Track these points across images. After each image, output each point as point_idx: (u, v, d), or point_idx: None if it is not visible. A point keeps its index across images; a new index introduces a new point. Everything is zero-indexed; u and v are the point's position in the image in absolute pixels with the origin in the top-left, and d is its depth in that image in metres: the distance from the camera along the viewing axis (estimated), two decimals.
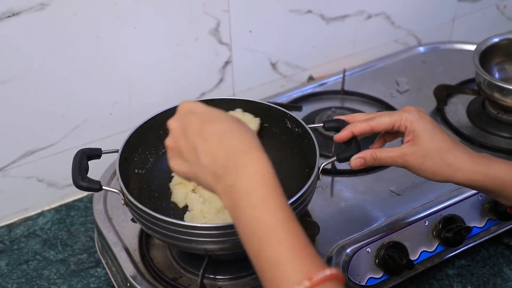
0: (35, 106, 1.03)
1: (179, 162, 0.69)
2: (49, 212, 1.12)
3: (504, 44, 1.18)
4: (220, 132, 0.66)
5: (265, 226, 0.62)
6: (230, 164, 0.65)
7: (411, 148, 0.83)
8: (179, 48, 1.13)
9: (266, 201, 0.63)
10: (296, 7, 1.22)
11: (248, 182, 0.64)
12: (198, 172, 0.67)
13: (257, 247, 0.62)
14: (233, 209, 0.65)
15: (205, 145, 0.66)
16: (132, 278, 0.88)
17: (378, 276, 0.91)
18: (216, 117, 0.68)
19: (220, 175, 0.65)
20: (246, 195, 0.63)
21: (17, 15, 0.95)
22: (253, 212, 0.63)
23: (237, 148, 0.65)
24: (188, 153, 0.67)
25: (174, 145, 0.69)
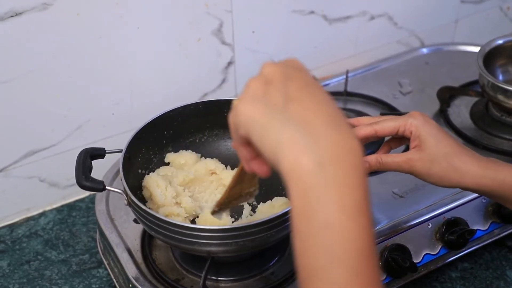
0: (37, 106, 1.03)
1: (251, 101, 0.54)
2: (51, 212, 1.12)
3: (508, 46, 1.17)
4: (325, 99, 0.53)
5: (348, 241, 0.49)
6: (328, 135, 0.50)
7: (417, 154, 0.81)
8: (182, 48, 1.12)
9: (359, 209, 0.50)
10: (299, 7, 1.22)
11: (348, 173, 0.49)
12: (275, 121, 0.51)
13: (324, 262, 0.49)
14: (306, 197, 0.50)
15: (305, 100, 0.52)
16: (134, 279, 0.88)
17: (382, 279, 0.91)
18: (322, 88, 0.55)
19: (310, 143, 0.49)
20: (338, 188, 0.49)
21: (20, 15, 0.94)
22: (339, 215, 0.49)
23: (342, 122, 0.52)
24: (274, 97, 0.53)
25: (261, 86, 0.55)
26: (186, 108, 0.95)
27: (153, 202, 0.90)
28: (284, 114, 0.52)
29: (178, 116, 0.95)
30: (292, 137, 0.50)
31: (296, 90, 0.53)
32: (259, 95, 0.54)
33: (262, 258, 0.90)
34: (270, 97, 0.54)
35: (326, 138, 0.50)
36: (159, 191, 0.89)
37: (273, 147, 0.51)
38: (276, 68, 0.56)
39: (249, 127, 0.54)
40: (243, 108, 0.55)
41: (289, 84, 0.54)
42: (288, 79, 0.54)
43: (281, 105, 0.52)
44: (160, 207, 0.88)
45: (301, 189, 0.50)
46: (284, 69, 0.56)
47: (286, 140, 0.50)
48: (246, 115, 0.54)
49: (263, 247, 0.82)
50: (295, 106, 0.52)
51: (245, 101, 0.55)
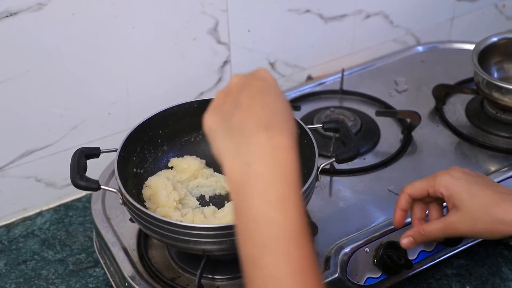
0: (33, 106, 1.03)
1: (211, 111, 0.60)
2: (48, 212, 1.12)
3: (503, 43, 1.18)
4: (269, 104, 0.57)
5: (275, 230, 0.53)
6: (257, 138, 0.55)
7: (456, 215, 0.78)
8: (177, 47, 1.13)
9: (284, 200, 0.54)
10: (295, 6, 1.22)
11: (270, 169, 0.54)
12: (221, 130, 0.58)
13: (257, 251, 0.54)
14: (238, 194, 0.55)
15: (249, 107, 0.57)
16: (130, 278, 0.88)
17: (377, 276, 0.91)
18: (278, 94, 0.59)
19: (241, 144, 0.55)
20: (263, 183, 0.54)
21: (15, 15, 0.95)
22: (265, 208, 0.53)
23: (274, 125, 0.56)
24: (227, 107, 0.58)
25: (222, 96, 0.61)
26: (181, 107, 0.95)
27: (152, 202, 0.90)
28: (229, 122, 0.57)
29: (173, 115, 0.96)
30: (229, 143, 0.56)
31: (247, 98, 0.58)
32: (217, 105, 0.61)
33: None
34: (225, 106, 0.59)
35: (254, 140, 0.55)
36: (165, 192, 0.89)
37: (218, 153, 0.58)
38: (239, 79, 0.61)
39: (208, 135, 0.61)
40: (205, 118, 0.61)
41: (242, 93, 0.59)
42: (244, 88, 0.59)
43: (229, 113, 0.58)
44: (159, 207, 0.89)
45: (235, 188, 0.55)
46: (245, 79, 0.61)
47: (224, 147, 0.57)
48: (206, 125, 0.61)
49: None
50: (239, 113, 0.57)
51: (208, 112, 0.61)
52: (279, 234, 0.53)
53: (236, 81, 0.61)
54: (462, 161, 1.07)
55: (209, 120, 0.61)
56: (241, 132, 0.56)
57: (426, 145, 1.10)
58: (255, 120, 0.56)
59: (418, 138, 1.11)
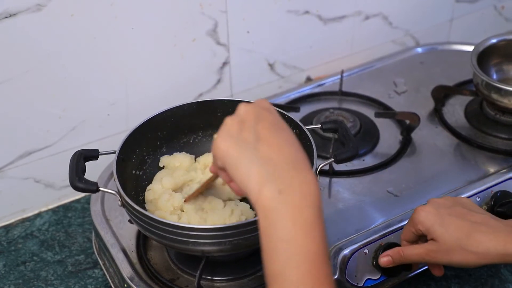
0: (32, 107, 1.03)
1: (227, 138, 0.66)
2: (47, 213, 1.12)
3: (502, 45, 1.18)
4: (289, 140, 0.66)
5: (300, 249, 0.61)
6: (288, 172, 0.63)
7: (434, 245, 0.81)
8: (177, 48, 1.13)
9: (310, 225, 0.62)
10: (294, 7, 1.22)
11: (300, 198, 0.62)
12: (244, 158, 0.64)
13: (282, 267, 0.61)
14: (267, 218, 0.62)
15: (272, 141, 0.64)
16: (130, 279, 0.88)
17: (376, 278, 0.91)
18: (287, 128, 0.68)
19: (272, 176, 0.62)
20: (293, 209, 0.62)
21: (14, 16, 0.95)
22: (293, 231, 0.61)
23: (300, 162, 0.64)
24: (246, 137, 0.65)
25: (236, 124, 0.67)
26: (179, 108, 0.95)
27: (153, 204, 0.90)
28: (254, 152, 0.64)
29: (172, 117, 0.96)
30: (259, 172, 0.63)
31: (264, 130, 0.65)
32: (234, 133, 0.66)
33: (257, 258, 0.90)
34: (243, 136, 0.65)
35: (284, 173, 0.63)
36: (165, 197, 0.89)
37: (243, 178, 0.64)
38: (249, 109, 0.68)
39: (224, 160, 0.66)
40: (220, 144, 0.67)
41: (259, 124, 0.66)
42: (259, 119, 0.66)
43: (252, 144, 0.64)
44: (157, 210, 0.89)
45: (264, 213, 0.62)
46: (256, 110, 0.68)
47: (253, 174, 0.63)
48: (222, 150, 0.66)
49: (257, 246, 0.82)
50: (263, 146, 0.64)
51: (222, 138, 0.67)
52: (303, 252, 0.61)
53: (246, 110, 0.68)
54: (461, 163, 1.07)
55: (225, 145, 0.66)
56: (270, 165, 0.63)
57: (425, 147, 1.10)
58: (282, 156, 0.64)
59: (417, 140, 1.11)
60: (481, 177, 1.02)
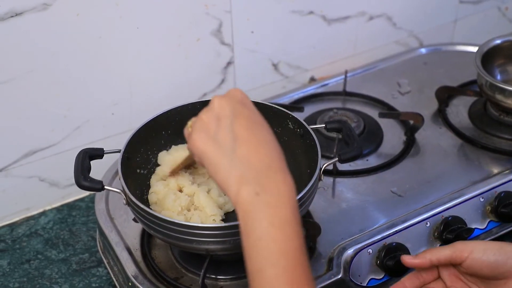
0: (37, 106, 1.04)
1: (204, 137, 0.68)
2: (51, 211, 1.12)
3: (506, 46, 1.18)
4: (266, 139, 0.67)
5: (277, 247, 0.63)
6: (264, 173, 0.65)
7: None
8: (181, 48, 1.13)
9: (286, 224, 0.64)
10: (298, 8, 1.22)
11: (276, 198, 0.64)
12: (222, 159, 0.66)
13: (260, 264, 0.63)
14: (245, 218, 0.64)
15: (249, 141, 0.66)
16: (134, 277, 0.88)
17: (380, 277, 0.91)
18: (263, 123, 0.69)
19: (249, 178, 0.64)
20: (269, 210, 0.64)
21: (20, 15, 0.95)
22: (270, 230, 0.63)
23: (276, 163, 0.66)
24: (224, 137, 0.66)
25: (213, 121, 0.68)
26: (184, 108, 0.96)
27: (158, 205, 0.91)
28: (232, 155, 0.65)
29: (176, 116, 0.96)
30: (237, 174, 0.65)
31: (241, 129, 0.66)
32: (211, 131, 0.67)
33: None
34: (220, 136, 0.66)
35: (262, 174, 0.65)
36: (172, 197, 0.89)
37: (224, 181, 0.66)
38: (224, 103, 0.68)
39: (203, 160, 0.68)
40: (197, 142, 0.68)
41: (236, 122, 0.67)
42: (235, 116, 0.67)
43: (230, 146, 0.66)
44: (164, 210, 0.89)
45: (242, 213, 0.65)
46: (231, 104, 0.68)
47: (232, 177, 0.65)
48: (200, 150, 0.68)
49: None
50: (240, 148, 0.65)
51: (199, 135, 0.68)
52: (281, 250, 0.63)
53: (221, 105, 0.68)
54: (465, 163, 1.07)
55: (203, 146, 0.68)
56: (248, 166, 0.65)
57: (429, 147, 1.10)
58: (261, 158, 0.65)
59: (421, 140, 1.11)
60: (484, 178, 1.02)
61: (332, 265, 0.89)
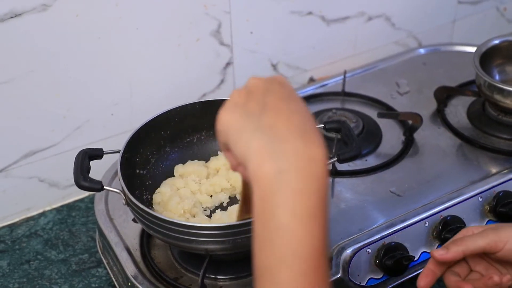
0: (36, 106, 1.04)
1: (233, 110, 0.57)
2: (51, 212, 1.13)
3: (505, 46, 1.18)
4: (298, 109, 0.56)
5: (296, 245, 0.52)
6: (292, 146, 0.52)
7: None
8: (180, 49, 1.13)
9: (311, 216, 0.52)
10: (297, 8, 1.22)
11: (305, 181, 0.52)
12: (247, 128, 0.55)
13: (274, 263, 0.52)
14: (263, 200, 0.52)
15: (279, 108, 0.55)
16: (133, 277, 0.88)
17: (379, 277, 0.92)
18: (299, 100, 0.58)
19: (274, 150, 0.52)
20: (294, 195, 0.52)
21: (20, 16, 0.95)
22: (290, 221, 0.51)
23: (308, 131, 0.54)
24: (254, 107, 0.56)
25: (243, 95, 0.58)
26: (183, 108, 0.96)
27: (161, 206, 0.91)
28: (258, 122, 0.55)
29: (176, 117, 0.96)
30: (259, 143, 0.53)
31: (273, 101, 0.56)
32: (239, 103, 0.58)
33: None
34: (249, 105, 0.57)
35: (290, 146, 0.53)
36: (176, 199, 0.89)
37: (243, 151, 0.55)
38: (260, 81, 0.59)
39: (226, 133, 0.57)
40: (224, 115, 0.58)
41: (268, 95, 0.57)
42: (268, 91, 0.58)
43: (257, 113, 0.56)
44: (166, 211, 0.89)
45: (261, 194, 0.53)
46: (267, 83, 0.59)
47: (254, 146, 0.53)
48: (225, 121, 0.58)
49: None
50: (268, 115, 0.55)
51: (226, 109, 0.59)
52: (299, 250, 0.52)
53: (255, 83, 0.59)
54: (464, 163, 1.07)
55: (228, 116, 0.57)
56: (274, 134, 0.53)
57: (428, 147, 1.10)
58: (289, 125, 0.54)
59: (420, 140, 1.11)
60: (483, 177, 1.02)
61: (331, 265, 0.89)
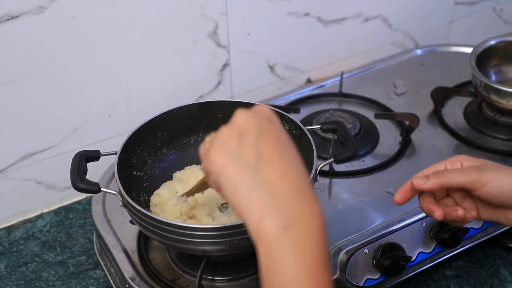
0: (34, 108, 1.04)
1: (224, 152, 0.58)
2: (48, 214, 1.13)
3: (501, 46, 1.18)
4: (293, 161, 0.58)
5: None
6: (293, 203, 0.55)
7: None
8: (178, 50, 1.13)
9: (317, 268, 0.55)
10: (294, 9, 1.23)
11: (307, 236, 0.55)
12: (243, 178, 0.56)
13: None
14: (269, 256, 0.55)
15: (275, 163, 0.57)
16: (131, 279, 0.88)
17: (376, 277, 0.92)
18: (290, 143, 0.60)
19: (275, 207, 0.55)
20: (299, 251, 0.54)
21: (16, 18, 0.95)
22: (298, 276, 0.54)
23: (305, 191, 0.57)
24: (247, 153, 0.57)
25: (236, 137, 0.58)
26: (180, 109, 0.96)
27: (158, 208, 0.91)
28: (255, 174, 0.56)
29: (172, 118, 0.96)
30: (260, 200, 0.55)
31: (267, 148, 0.57)
32: (232, 147, 0.58)
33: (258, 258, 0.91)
34: (243, 152, 0.57)
35: (290, 203, 0.55)
36: (173, 201, 0.90)
37: (242, 205, 0.56)
38: (250, 119, 0.59)
39: (220, 179, 0.58)
40: (216, 157, 0.58)
41: (261, 140, 0.58)
42: (261, 133, 0.58)
43: (253, 164, 0.56)
44: (163, 213, 0.89)
45: (266, 248, 0.55)
46: (258, 121, 0.59)
47: (254, 202, 0.55)
48: (219, 165, 0.58)
49: None
50: (265, 169, 0.56)
51: (218, 151, 0.58)
52: None
53: (246, 121, 0.59)
54: None
55: (222, 160, 0.58)
56: (274, 192, 0.56)
57: (425, 147, 1.10)
58: (287, 181, 0.56)
59: (417, 141, 1.12)
60: None
61: None
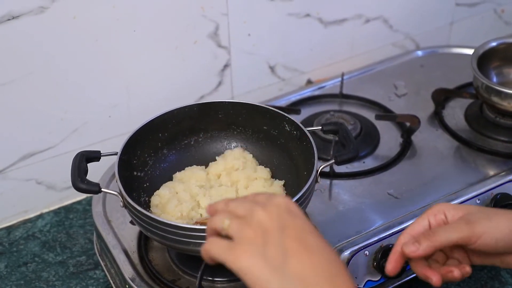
0: (34, 108, 1.04)
1: (251, 251, 0.58)
2: (48, 214, 1.13)
3: (502, 48, 1.18)
4: (319, 246, 0.59)
5: None
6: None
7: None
8: (178, 51, 1.13)
9: None
10: (294, 10, 1.22)
11: None
12: (271, 277, 0.56)
13: None
14: None
15: (301, 253, 0.58)
16: (131, 280, 0.88)
17: (376, 279, 0.91)
18: (313, 230, 0.61)
19: None
20: None
21: (17, 18, 0.95)
22: None
23: (337, 276, 0.58)
24: (273, 252, 0.57)
25: (260, 236, 0.58)
26: (180, 110, 0.96)
27: (158, 209, 0.91)
28: (284, 270, 0.56)
29: (173, 119, 0.96)
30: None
31: (293, 242, 0.58)
32: (258, 246, 0.58)
33: None
34: (269, 251, 0.57)
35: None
36: (174, 202, 0.89)
37: None
38: (270, 215, 0.60)
39: (244, 276, 0.58)
40: (244, 260, 0.58)
41: (285, 235, 0.58)
42: (284, 228, 0.59)
43: (280, 262, 0.57)
44: (164, 214, 0.89)
45: None
46: (278, 216, 0.60)
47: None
48: (244, 265, 0.58)
49: None
50: (293, 263, 0.57)
51: (244, 251, 0.58)
52: None
53: (267, 218, 0.60)
54: (461, 165, 1.07)
55: (250, 262, 0.58)
56: (305, 284, 0.56)
57: (426, 149, 1.10)
58: (318, 271, 0.57)
59: (418, 142, 1.12)
60: (481, 180, 1.02)
61: None
